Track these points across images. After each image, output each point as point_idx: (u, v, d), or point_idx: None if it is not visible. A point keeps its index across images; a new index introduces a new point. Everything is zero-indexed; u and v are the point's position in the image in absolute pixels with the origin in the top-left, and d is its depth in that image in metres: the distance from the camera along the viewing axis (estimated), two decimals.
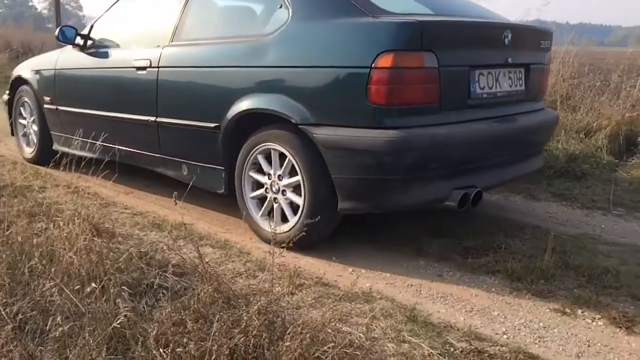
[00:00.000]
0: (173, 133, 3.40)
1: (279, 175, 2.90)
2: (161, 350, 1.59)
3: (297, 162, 2.79)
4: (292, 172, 2.85)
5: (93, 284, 1.76)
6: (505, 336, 2.10)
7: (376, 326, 2.10)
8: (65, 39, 4.07)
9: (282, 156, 2.88)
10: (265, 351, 1.55)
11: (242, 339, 1.62)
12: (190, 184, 3.00)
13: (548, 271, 2.59)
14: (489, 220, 3.34)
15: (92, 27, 4.08)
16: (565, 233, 3.15)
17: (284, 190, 2.90)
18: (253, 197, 3.06)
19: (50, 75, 4.37)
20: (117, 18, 4.07)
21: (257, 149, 2.97)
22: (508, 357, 1.92)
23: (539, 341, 2.07)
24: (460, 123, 2.74)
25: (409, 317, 2.19)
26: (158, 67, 3.41)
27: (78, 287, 1.83)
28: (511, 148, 3.12)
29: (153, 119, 3.44)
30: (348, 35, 2.68)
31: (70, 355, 1.65)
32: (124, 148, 3.74)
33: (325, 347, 1.62)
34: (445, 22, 2.88)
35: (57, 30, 4.09)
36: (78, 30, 4.10)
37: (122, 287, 1.96)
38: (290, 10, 2.84)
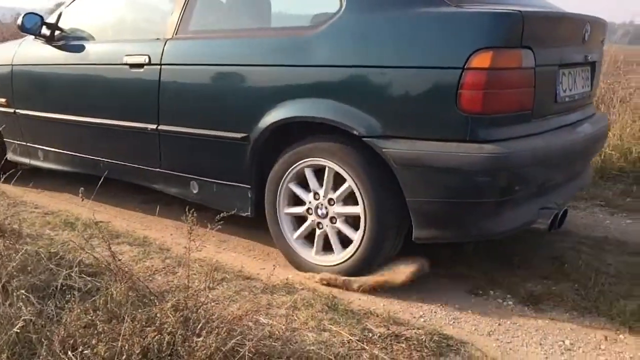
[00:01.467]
0: (180, 144, 2.87)
1: (326, 195, 2.47)
2: (69, 353, 1.52)
3: (356, 182, 2.35)
4: (345, 191, 2.42)
5: None
6: (422, 319, 2.17)
7: (297, 316, 2.11)
8: (25, 29, 3.43)
9: (329, 172, 2.44)
10: (179, 348, 1.52)
11: (156, 337, 1.57)
12: (202, 202, 2.72)
13: (465, 255, 2.69)
14: None
15: (60, 14, 3.45)
16: None
17: (332, 217, 2.47)
18: (290, 223, 2.62)
19: (6, 72, 3.69)
20: (95, 4, 3.49)
21: (299, 165, 2.49)
22: (423, 339, 1.98)
23: (454, 322, 2.15)
24: (548, 132, 2.39)
25: (330, 306, 2.21)
26: (160, 64, 2.84)
27: None
28: (582, 158, 2.78)
29: (153, 126, 2.90)
30: (429, 29, 2.21)
31: None
32: (110, 161, 3.21)
33: (243, 340, 1.61)
34: (541, 13, 2.44)
35: (20, 18, 3.45)
36: (44, 19, 3.48)
37: (29, 289, 1.86)
38: None
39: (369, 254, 2.39)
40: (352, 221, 2.44)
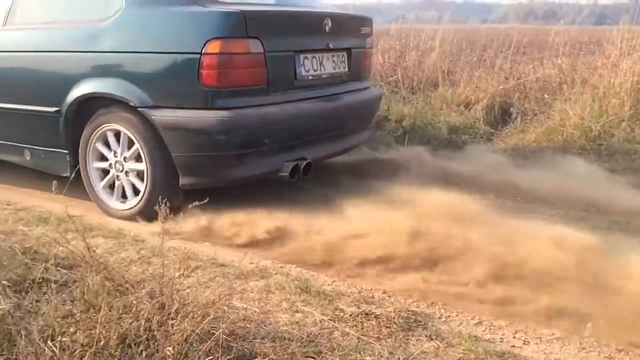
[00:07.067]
0: (12, 119, 3.42)
1: (121, 154, 3.10)
2: (49, 342, 1.57)
3: (138, 142, 2.98)
4: (135, 151, 3.03)
5: None
6: (391, 299, 2.26)
7: (270, 299, 2.18)
8: None
9: (124, 136, 3.06)
10: (156, 332, 1.58)
11: (133, 323, 1.63)
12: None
13: None
14: None
15: None
16: None
17: (126, 165, 3.10)
18: (99, 178, 3.23)
19: None
20: None
21: (101, 129, 3.12)
22: (393, 316, 2.07)
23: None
24: (288, 103, 3.04)
25: (303, 288, 2.28)
26: None
27: None
28: (338, 123, 3.47)
29: None
30: (180, 23, 2.89)
31: None
32: None
33: (217, 323, 1.68)
34: (267, 11, 3.17)
35: None
36: None
37: (5, 284, 1.89)
38: None
39: (152, 199, 2.89)
40: (142, 175, 3.03)
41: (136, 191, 3.10)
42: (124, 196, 3.17)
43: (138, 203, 3.06)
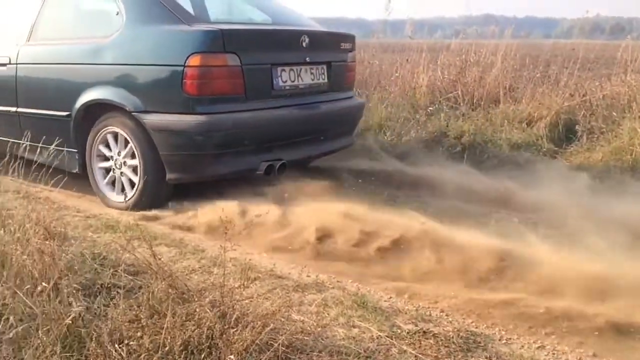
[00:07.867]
0: (32, 121, 3.90)
1: (120, 152, 3.53)
2: (116, 345, 1.63)
3: (133, 143, 3.41)
4: (130, 151, 3.45)
5: (44, 283, 1.78)
6: (448, 318, 2.22)
7: (327, 313, 2.19)
8: None
9: (121, 137, 3.48)
10: (218, 340, 1.62)
11: (196, 330, 1.68)
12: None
13: None
14: None
15: None
16: None
17: (124, 164, 3.52)
18: (101, 171, 3.66)
19: None
20: None
21: (103, 131, 3.57)
22: (451, 336, 2.04)
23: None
24: (264, 110, 3.40)
25: (359, 303, 2.28)
26: (16, 63, 3.97)
27: (28, 287, 1.84)
28: (314, 128, 3.83)
29: (14, 109, 4.01)
30: (168, 40, 3.33)
31: (26, 356, 1.67)
32: None
33: (276, 334, 1.70)
34: (245, 30, 3.57)
35: None
36: None
37: (76, 287, 1.98)
38: (124, 17, 3.45)
39: (144, 192, 3.43)
40: (137, 171, 3.43)
41: (132, 186, 3.50)
42: (122, 190, 3.58)
43: (133, 196, 3.47)
